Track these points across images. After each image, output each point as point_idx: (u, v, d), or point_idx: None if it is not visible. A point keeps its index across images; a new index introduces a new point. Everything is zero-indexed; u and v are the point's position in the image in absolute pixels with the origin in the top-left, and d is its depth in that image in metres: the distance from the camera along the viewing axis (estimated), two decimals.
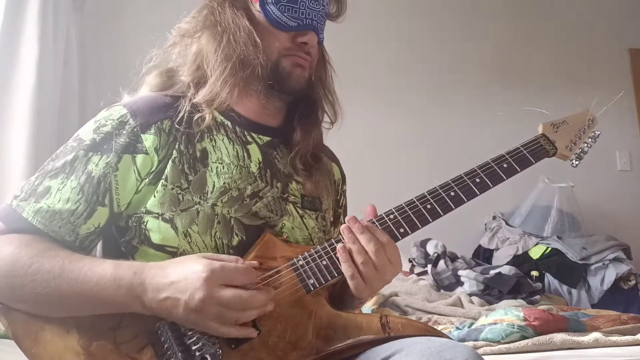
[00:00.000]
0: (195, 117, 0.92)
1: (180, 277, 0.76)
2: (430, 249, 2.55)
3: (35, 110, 2.13)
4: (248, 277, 0.79)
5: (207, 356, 0.77)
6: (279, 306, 0.81)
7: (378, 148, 3.03)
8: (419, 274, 2.43)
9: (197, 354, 0.77)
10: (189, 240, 0.85)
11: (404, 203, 0.91)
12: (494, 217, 3.02)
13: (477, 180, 0.93)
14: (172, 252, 0.85)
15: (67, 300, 0.78)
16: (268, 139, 0.99)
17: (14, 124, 2.10)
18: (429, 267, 2.44)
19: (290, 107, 1.03)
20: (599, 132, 1.06)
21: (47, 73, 2.23)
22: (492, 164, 0.95)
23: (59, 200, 0.83)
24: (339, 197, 1.11)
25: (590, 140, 1.06)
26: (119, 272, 0.78)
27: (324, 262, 0.86)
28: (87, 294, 0.77)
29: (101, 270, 0.78)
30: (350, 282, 0.84)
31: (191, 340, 0.78)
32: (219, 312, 0.75)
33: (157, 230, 0.85)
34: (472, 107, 3.22)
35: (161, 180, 0.86)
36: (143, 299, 0.76)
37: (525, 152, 0.98)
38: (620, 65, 3.43)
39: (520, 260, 2.69)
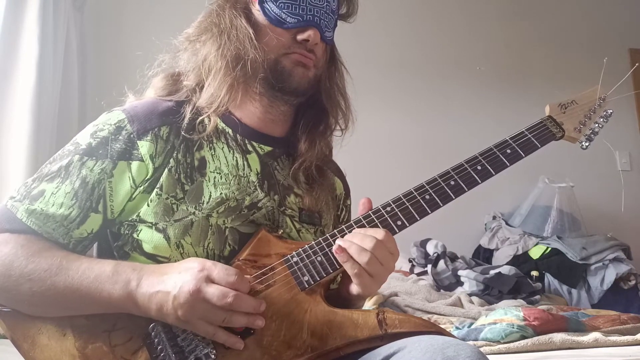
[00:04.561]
0: (197, 122, 0.91)
1: (175, 272, 0.76)
2: (430, 249, 2.54)
3: (35, 110, 2.12)
4: (238, 280, 0.76)
5: (202, 356, 0.76)
6: (273, 304, 0.80)
7: (378, 149, 3.03)
8: (419, 274, 2.43)
9: (191, 355, 0.77)
10: (181, 251, 0.84)
11: (402, 194, 0.87)
12: (494, 217, 3.01)
13: (479, 167, 0.89)
14: (162, 262, 0.83)
15: (63, 298, 0.77)
16: (269, 149, 0.96)
17: (13, 124, 2.09)
18: (429, 267, 2.43)
19: (299, 114, 1.00)
20: (611, 111, 1.00)
21: (47, 73, 2.22)
22: (495, 149, 0.91)
23: (53, 205, 0.82)
24: (339, 212, 1.07)
25: (602, 120, 0.99)
26: (119, 269, 0.78)
27: (319, 259, 0.83)
28: (83, 290, 0.77)
29: (100, 267, 0.78)
30: (355, 280, 0.82)
31: (184, 342, 0.78)
32: (206, 309, 0.74)
33: (149, 240, 0.84)
34: (473, 108, 3.22)
35: (156, 189, 0.85)
36: (136, 294, 0.76)
37: (530, 136, 0.93)
38: (620, 65, 3.42)
39: (520, 260, 2.69)
